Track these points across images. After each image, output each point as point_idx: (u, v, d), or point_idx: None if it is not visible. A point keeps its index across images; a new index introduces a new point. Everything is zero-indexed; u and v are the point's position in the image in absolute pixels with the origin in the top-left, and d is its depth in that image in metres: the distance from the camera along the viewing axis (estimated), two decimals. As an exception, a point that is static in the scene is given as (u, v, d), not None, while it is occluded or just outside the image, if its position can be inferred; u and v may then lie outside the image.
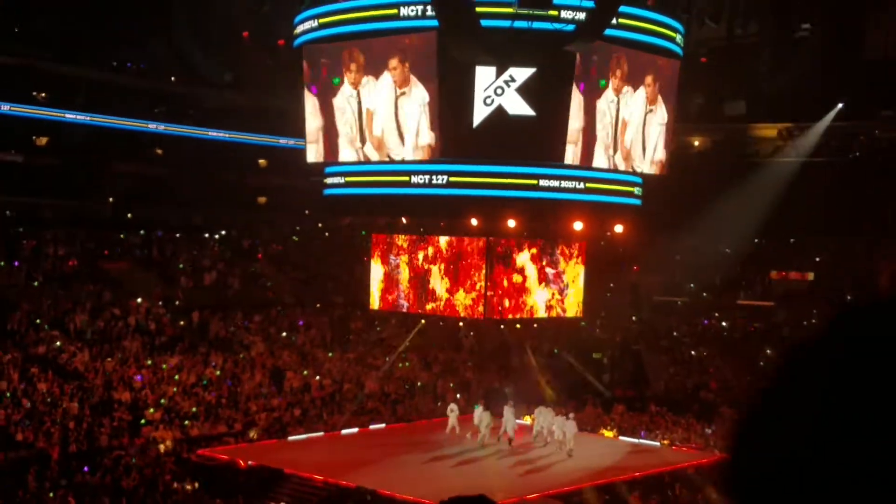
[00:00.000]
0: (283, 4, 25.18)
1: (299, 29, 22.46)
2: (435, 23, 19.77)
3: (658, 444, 27.18)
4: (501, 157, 21.55)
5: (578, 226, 24.19)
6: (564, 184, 21.77)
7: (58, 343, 27.43)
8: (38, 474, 20.99)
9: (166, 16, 36.39)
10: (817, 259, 36.78)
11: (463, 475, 22.60)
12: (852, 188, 33.78)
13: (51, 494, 20.34)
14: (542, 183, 21.67)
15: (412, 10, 20.28)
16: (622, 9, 20.42)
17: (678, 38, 22.26)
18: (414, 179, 21.50)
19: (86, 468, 21.68)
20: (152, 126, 36.75)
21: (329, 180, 23.62)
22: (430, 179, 21.30)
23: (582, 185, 21.96)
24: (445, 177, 21.27)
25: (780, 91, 34.47)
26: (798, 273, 37.31)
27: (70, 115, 34.57)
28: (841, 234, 34.49)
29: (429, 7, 19.80)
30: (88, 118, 34.89)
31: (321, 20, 21.82)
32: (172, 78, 38.33)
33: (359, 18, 21.16)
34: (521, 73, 20.73)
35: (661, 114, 22.43)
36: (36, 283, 30.30)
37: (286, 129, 36.77)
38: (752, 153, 36.87)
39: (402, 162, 21.49)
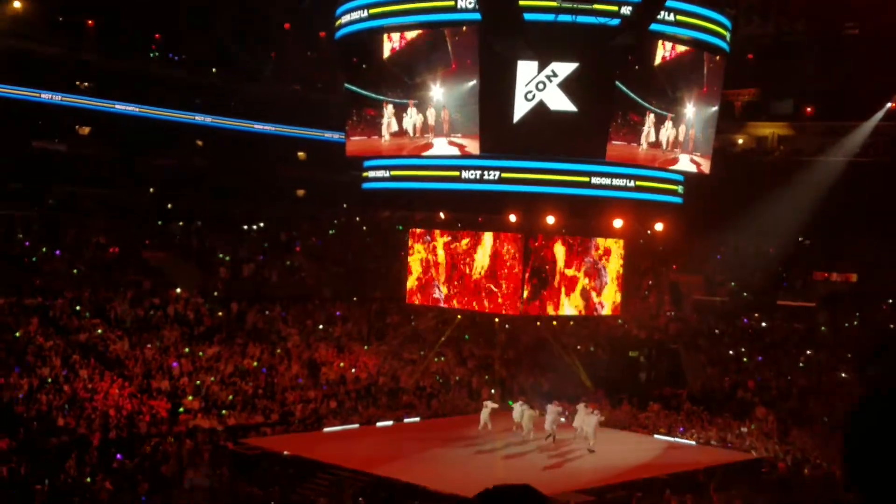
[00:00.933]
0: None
1: (344, 19, 22.37)
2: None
3: (693, 442, 26.94)
4: (541, 152, 21.45)
5: (619, 223, 24.01)
6: (616, 181, 21.66)
7: (99, 330, 27.78)
8: (79, 459, 21.24)
9: (208, 7, 36.59)
10: (863, 260, 36.18)
11: (494, 469, 22.53)
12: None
13: (88, 480, 20.54)
14: (594, 181, 21.56)
15: (469, 3, 20.16)
16: (668, 3, 20.21)
17: (726, 34, 21.98)
18: (465, 175, 21.44)
19: (119, 456, 21.84)
20: (198, 118, 36.99)
21: (371, 174, 23.60)
22: (482, 175, 21.23)
23: (632, 184, 21.83)
24: (497, 173, 21.20)
25: (827, 90, 33.98)
26: (841, 274, 36.76)
27: (119, 106, 34.88)
28: (886, 235, 33.90)
29: None
30: (136, 109, 35.20)
31: (371, 10, 21.71)
32: (213, 69, 38.58)
33: (415, 9, 21.05)
34: (564, 69, 20.57)
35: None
36: (77, 272, 30.69)
37: (326, 122, 36.92)
38: (798, 152, 36.41)
39: (455, 157, 21.42)
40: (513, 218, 24.25)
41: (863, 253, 35.95)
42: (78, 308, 28.55)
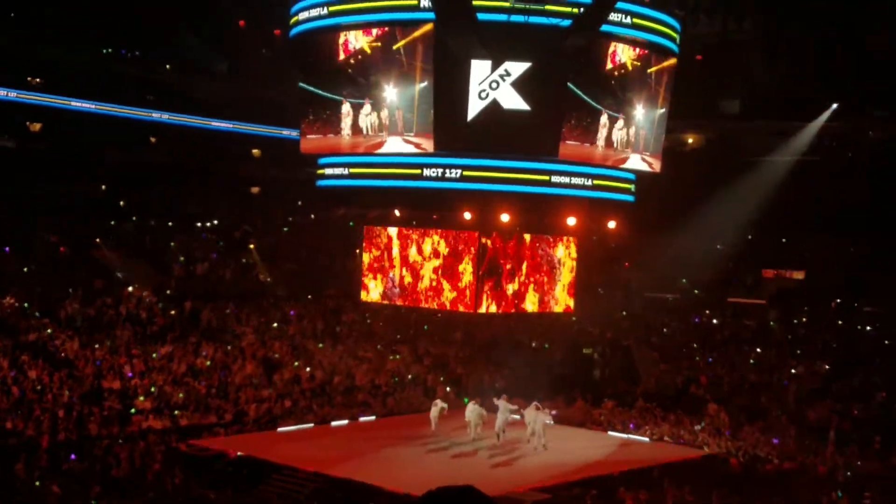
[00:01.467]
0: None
1: (301, 16, 22.22)
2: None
3: (647, 439, 27.25)
4: (495, 150, 21.56)
5: (573, 221, 24.23)
6: (575, 180, 21.87)
7: (48, 330, 27.33)
8: (27, 462, 20.84)
9: (161, 3, 36.16)
10: (810, 258, 36.88)
11: (450, 468, 22.62)
12: (845, 187, 33.90)
13: (37, 483, 20.17)
14: (555, 179, 21.74)
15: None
16: (619, 5, 20.42)
17: (676, 36, 22.27)
18: (426, 172, 21.45)
19: (73, 456, 21.53)
20: (155, 115, 36.51)
21: (329, 171, 23.50)
22: (444, 173, 21.26)
23: (590, 182, 22.07)
24: (459, 171, 21.25)
25: (775, 90, 34.54)
26: (789, 272, 37.47)
27: (75, 103, 34.26)
28: (832, 233, 34.61)
29: None
30: (92, 106, 34.59)
31: (331, 8, 21.57)
32: (167, 66, 38.15)
33: (377, 7, 20.96)
34: (517, 68, 20.69)
35: None
36: (27, 270, 30.17)
37: (282, 120, 36.69)
38: (747, 152, 36.99)
39: (417, 154, 21.39)
40: (468, 216, 24.33)
41: (810, 251, 36.70)
42: (27, 307, 28.07)
